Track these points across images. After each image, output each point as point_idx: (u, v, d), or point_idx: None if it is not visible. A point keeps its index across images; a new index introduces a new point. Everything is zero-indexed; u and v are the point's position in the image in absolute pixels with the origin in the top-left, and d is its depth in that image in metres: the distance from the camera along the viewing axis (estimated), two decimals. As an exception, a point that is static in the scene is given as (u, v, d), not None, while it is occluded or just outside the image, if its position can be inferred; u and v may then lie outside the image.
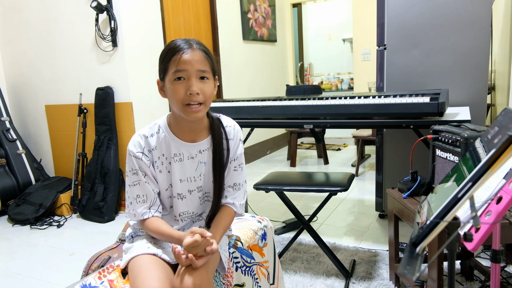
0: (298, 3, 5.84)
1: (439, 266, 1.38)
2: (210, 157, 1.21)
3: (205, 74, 1.11)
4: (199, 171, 1.20)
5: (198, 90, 1.09)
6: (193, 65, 1.09)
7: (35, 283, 2.07)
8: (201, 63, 1.10)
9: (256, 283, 1.37)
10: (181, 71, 1.08)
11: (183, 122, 1.17)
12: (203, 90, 1.10)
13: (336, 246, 2.25)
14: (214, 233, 1.14)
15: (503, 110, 0.80)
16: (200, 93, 1.09)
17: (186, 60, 1.08)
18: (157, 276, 1.04)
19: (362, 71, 4.84)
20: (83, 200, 3.04)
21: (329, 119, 2.04)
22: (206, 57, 1.12)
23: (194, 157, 1.19)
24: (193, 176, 1.20)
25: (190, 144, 1.18)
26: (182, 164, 1.18)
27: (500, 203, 0.94)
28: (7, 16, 3.46)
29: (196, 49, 1.11)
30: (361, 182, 3.60)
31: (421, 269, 0.69)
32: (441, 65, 2.24)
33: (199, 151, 1.20)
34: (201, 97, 1.10)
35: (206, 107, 1.14)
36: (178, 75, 1.09)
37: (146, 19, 3.14)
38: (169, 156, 1.18)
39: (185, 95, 1.09)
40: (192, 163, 1.19)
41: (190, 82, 1.09)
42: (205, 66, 1.11)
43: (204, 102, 1.11)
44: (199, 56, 1.11)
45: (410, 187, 1.64)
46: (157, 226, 1.15)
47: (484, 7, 2.11)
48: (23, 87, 3.55)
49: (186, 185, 1.20)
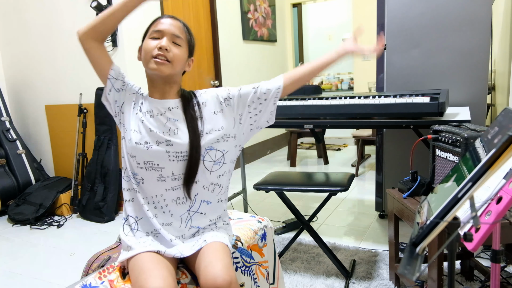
0: (298, 3, 5.84)
1: (439, 266, 1.38)
2: (182, 116, 1.21)
3: (179, 40, 1.17)
4: (168, 126, 1.19)
5: (167, 46, 1.14)
6: (169, 28, 1.16)
7: (35, 283, 2.07)
8: (177, 29, 1.18)
9: (254, 283, 1.37)
10: (157, 32, 1.16)
11: (155, 82, 1.20)
12: (173, 50, 1.15)
13: (336, 246, 2.25)
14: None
15: (503, 110, 0.80)
16: (170, 51, 1.14)
17: (164, 22, 1.17)
18: (161, 275, 1.02)
19: (362, 71, 4.84)
20: (83, 200, 3.04)
21: (329, 119, 2.05)
22: (183, 28, 1.20)
23: (163, 113, 1.20)
24: (162, 130, 1.18)
25: (159, 100, 1.21)
26: (153, 119, 1.20)
27: (500, 203, 0.94)
28: (7, 17, 3.46)
29: (176, 19, 1.19)
30: (361, 182, 3.60)
31: (421, 269, 0.70)
32: (441, 65, 2.24)
33: (168, 108, 1.20)
34: (170, 54, 1.15)
35: (173, 67, 1.16)
36: (154, 35, 1.16)
37: (146, 19, 3.14)
38: (144, 110, 1.21)
39: (154, 48, 1.14)
40: (162, 118, 1.20)
41: (162, 40, 1.15)
42: (180, 33, 1.18)
43: (171, 61, 1.15)
44: (177, 23, 1.19)
45: (410, 187, 1.64)
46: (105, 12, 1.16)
47: (484, 7, 2.11)
48: (23, 87, 3.55)
49: (155, 136, 1.18)
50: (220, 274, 1.03)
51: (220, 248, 1.14)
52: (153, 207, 1.20)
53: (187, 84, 3.60)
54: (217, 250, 1.12)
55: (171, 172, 1.18)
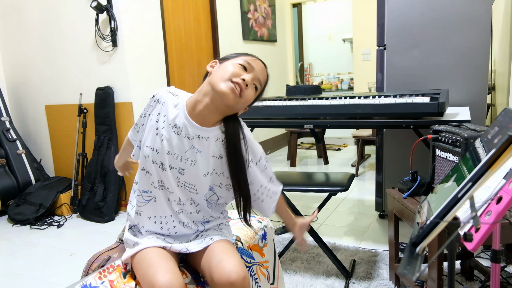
0: (298, 3, 5.84)
1: (439, 266, 1.38)
2: (208, 149, 1.14)
3: (259, 86, 1.14)
4: (188, 155, 1.13)
5: (249, 83, 1.10)
6: (260, 72, 1.13)
7: (35, 283, 2.07)
8: (264, 77, 1.16)
9: (256, 283, 1.37)
10: (249, 65, 1.11)
11: (201, 105, 1.10)
12: (249, 90, 1.11)
13: (336, 246, 2.25)
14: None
15: (503, 110, 0.80)
16: (247, 89, 1.09)
17: (258, 63, 1.14)
18: (169, 268, 1.03)
19: (362, 71, 4.84)
20: (83, 200, 3.04)
21: (329, 119, 2.05)
22: (265, 79, 1.18)
23: (191, 138, 1.12)
24: (180, 155, 1.13)
25: (194, 123, 1.11)
26: (176, 138, 1.12)
27: (500, 203, 0.94)
28: (7, 17, 3.46)
29: (264, 66, 1.17)
30: (361, 182, 3.60)
31: (421, 269, 0.70)
32: (441, 65, 2.24)
33: (198, 136, 1.12)
34: (245, 92, 1.09)
35: (239, 103, 1.09)
36: (246, 65, 1.11)
37: (146, 19, 3.14)
38: (167, 121, 1.13)
39: (238, 76, 1.08)
40: (186, 143, 1.12)
41: (249, 75, 1.10)
42: (262, 81, 1.15)
43: (242, 97, 1.08)
44: (266, 73, 1.17)
45: (410, 187, 1.64)
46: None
47: (484, 7, 2.11)
48: (23, 87, 3.55)
49: (170, 159, 1.13)
50: (234, 269, 1.05)
51: (229, 246, 1.17)
52: (159, 227, 1.20)
53: (187, 83, 3.60)
54: (227, 247, 1.15)
55: (178, 197, 1.18)
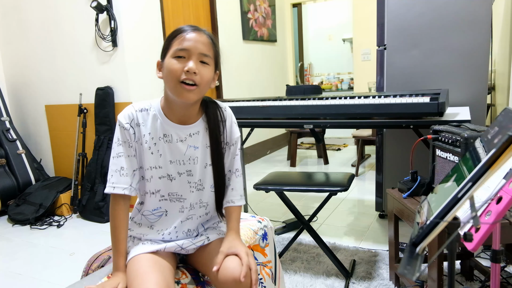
0: (298, 3, 5.84)
1: (439, 266, 1.38)
2: (202, 141, 1.16)
3: (207, 59, 1.06)
4: (188, 155, 1.14)
5: (196, 69, 1.03)
6: (196, 46, 1.04)
7: (35, 283, 2.07)
8: (204, 46, 1.06)
9: (260, 284, 1.37)
10: (183, 50, 1.04)
11: (175, 105, 1.11)
12: (201, 72, 1.05)
13: (336, 246, 2.25)
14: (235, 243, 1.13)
15: (503, 110, 0.80)
16: (198, 74, 1.04)
17: (190, 38, 1.04)
18: (154, 280, 1.00)
19: (362, 71, 4.84)
20: (83, 200, 3.04)
21: (329, 119, 2.04)
22: (211, 43, 1.08)
23: (183, 140, 1.13)
24: (182, 159, 1.14)
25: (180, 126, 1.12)
26: (170, 146, 1.12)
27: (500, 203, 0.94)
28: (7, 17, 3.46)
29: (202, 32, 1.07)
30: (361, 182, 3.60)
31: (421, 269, 0.69)
32: (441, 65, 2.24)
33: (189, 135, 1.13)
34: (198, 77, 1.04)
35: (200, 92, 1.07)
36: (179, 53, 1.04)
37: (146, 19, 3.14)
38: (156, 136, 1.11)
39: (181, 72, 1.03)
40: (182, 146, 1.13)
41: (190, 61, 1.04)
42: (208, 51, 1.07)
43: (199, 85, 1.05)
44: (204, 39, 1.06)
45: (410, 187, 1.64)
46: (118, 226, 1.15)
47: (484, 7, 2.11)
48: (23, 87, 3.55)
49: (175, 167, 1.14)
50: (238, 267, 1.05)
51: None
52: (161, 237, 1.20)
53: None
54: None
55: (189, 203, 1.18)
